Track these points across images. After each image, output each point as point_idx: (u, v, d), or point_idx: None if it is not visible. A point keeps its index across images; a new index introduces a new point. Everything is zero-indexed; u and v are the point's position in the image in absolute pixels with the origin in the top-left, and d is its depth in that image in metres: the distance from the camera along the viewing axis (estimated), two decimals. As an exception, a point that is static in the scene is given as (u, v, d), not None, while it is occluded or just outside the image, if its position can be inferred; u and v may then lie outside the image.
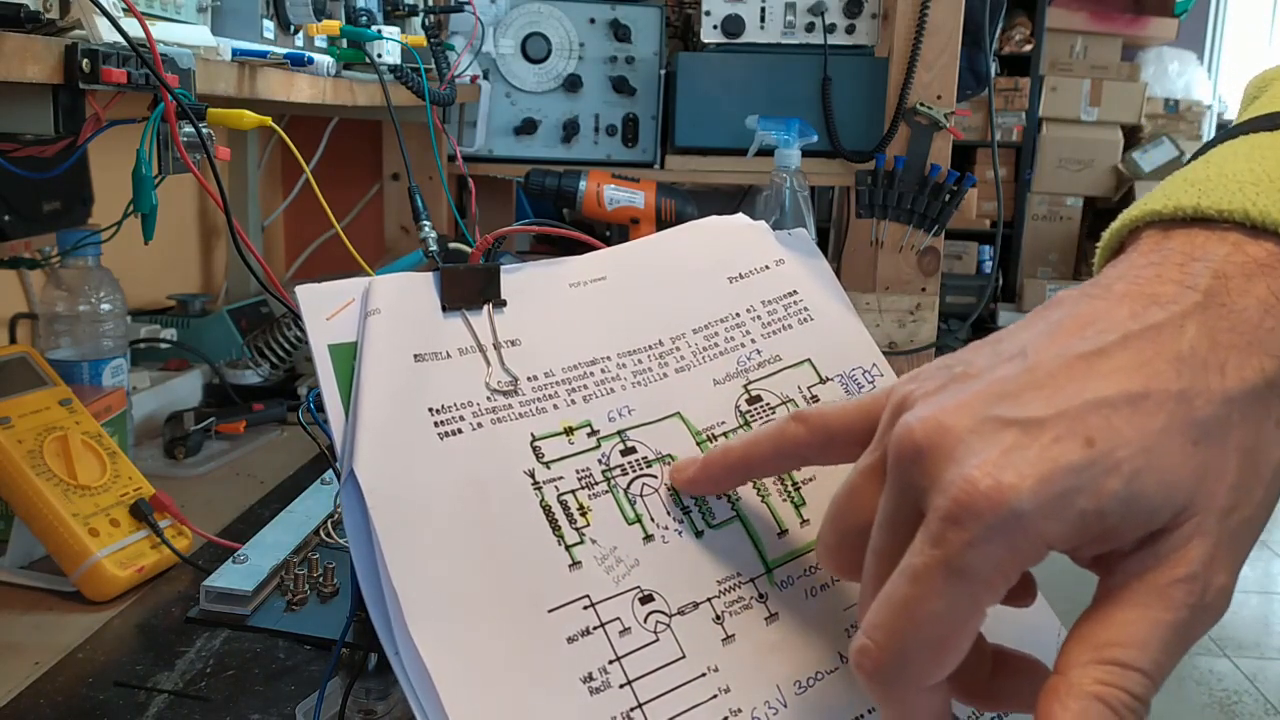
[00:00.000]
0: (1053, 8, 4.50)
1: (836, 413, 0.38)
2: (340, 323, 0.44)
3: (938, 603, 0.30)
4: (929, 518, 0.31)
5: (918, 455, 0.31)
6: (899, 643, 0.31)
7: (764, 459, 0.41)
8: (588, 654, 0.38)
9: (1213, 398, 0.31)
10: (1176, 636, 0.30)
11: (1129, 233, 0.37)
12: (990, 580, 0.30)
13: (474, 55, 1.37)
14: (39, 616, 0.72)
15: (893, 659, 0.31)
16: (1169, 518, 0.30)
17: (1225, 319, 0.32)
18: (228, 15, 0.79)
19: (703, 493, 0.44)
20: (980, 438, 0.31)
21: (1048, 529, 0.30)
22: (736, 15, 1.42)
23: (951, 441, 0.31)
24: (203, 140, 0.63)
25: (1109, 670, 0.30)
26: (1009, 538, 0.29)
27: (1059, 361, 0.32)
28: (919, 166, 1.40)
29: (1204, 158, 0.38)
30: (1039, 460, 0.30)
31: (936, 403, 0.32)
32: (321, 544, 0.79)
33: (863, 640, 0.32)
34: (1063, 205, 4.63)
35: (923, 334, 1.43)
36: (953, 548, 0.30)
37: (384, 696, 0.54)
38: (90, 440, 0.79)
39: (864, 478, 0.35)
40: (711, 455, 0.42)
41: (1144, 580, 0.31)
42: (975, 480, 0.30)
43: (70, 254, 0.96)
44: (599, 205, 1.36)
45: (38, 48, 0.53)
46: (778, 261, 0.52)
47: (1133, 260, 0.35)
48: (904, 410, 0.33)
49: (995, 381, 0.32)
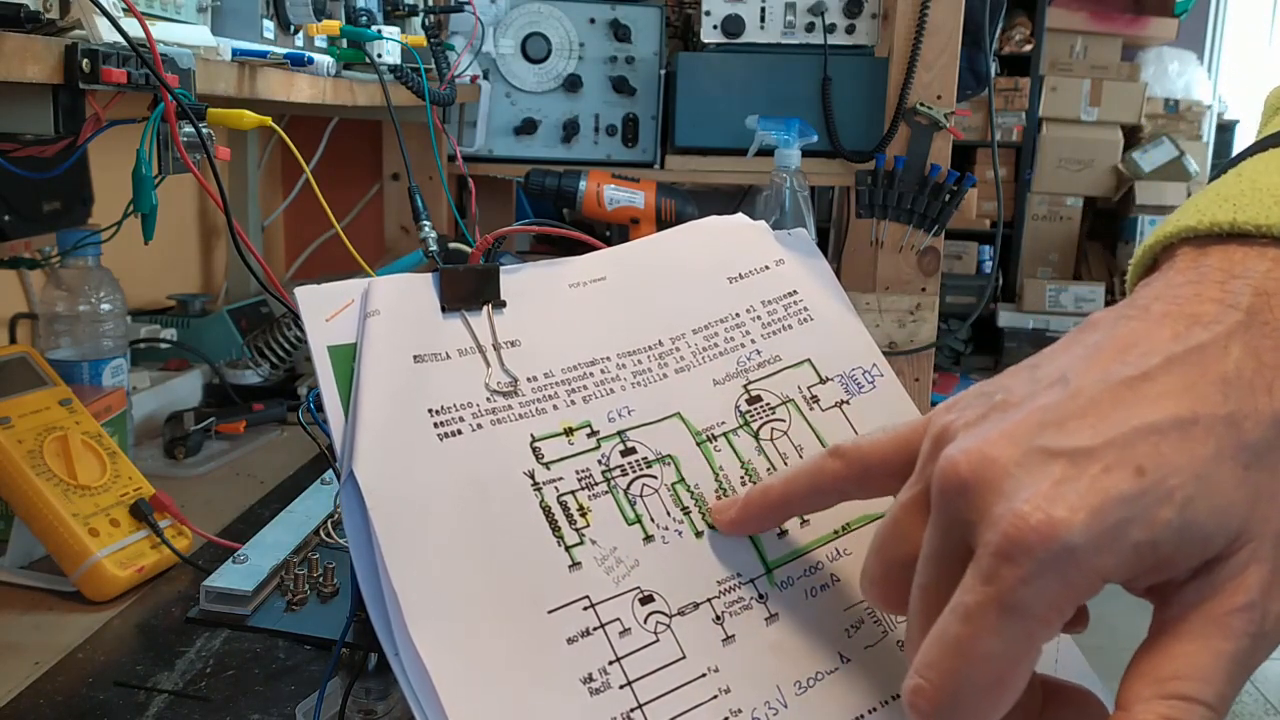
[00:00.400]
0: (1053, 8, 4.49)
1: (873, 446, 0.38)
2: (340, 324, 0.44)
3: (993, 641, 0.30)
4: (979, 554, 0.30)
5: (963, 489, 0.31)
6: (954, 683, 0.30)
7: (803, 496, 0.40)
8: (588, 655, 0.38)
9: (1261, 419, 0.30)
10: (1238, 667, 0.30)
11: (1162, 250, 0.36)
12: (1045, 617, 0.29)
13: (474, 55, 1.37)
14: (39, 616, 0.72)
15: (948, 699, 0.30)
16: (1223, 545, 0.30)
17: (1269, 337, 0.31)
18: (228, 15, 0.79)
19: (745, 533, 0.43)
20: (1027, 470, 0.30)
21: (1102, 562, 0.29)
22: (736, 15, 1.42)
23: (998, 474, 0.30)
24: (203, 140, 0.62)
25: (1173, 705, 0.29)
26: (1063, 573, 0.29)
27: (1102, 387, 0.31)
28: (919, 166, 1.40)
29: (1234, 171, 0.37)
30: (1090, 492, 0.29)
31: (979, 434, 0.32)
32: (321, 544, 0.79)
33: (916, 681, 0.31)
34: (1063, 205, 4.62)
35: (923, 334, 1.43)
36: (1006, 585, 0.29)
37: (384, 696, 0.54)
38: (90, 440, 0.79)
39: (907, 511, 0.34)
40: (752, 495, 0.42)
41: (1201, 611, 0.30)
42: (1026, 515, 0.29)
43: (70, 254, 0.96)
44: (599, 205, 1.36)
45: (38, 48, 0.53)
46: (778, 261, 0.52)
47: (1169, 279, 0.34)
48: (945, 442, 0.33)
49: (1038, 410, 0.31)
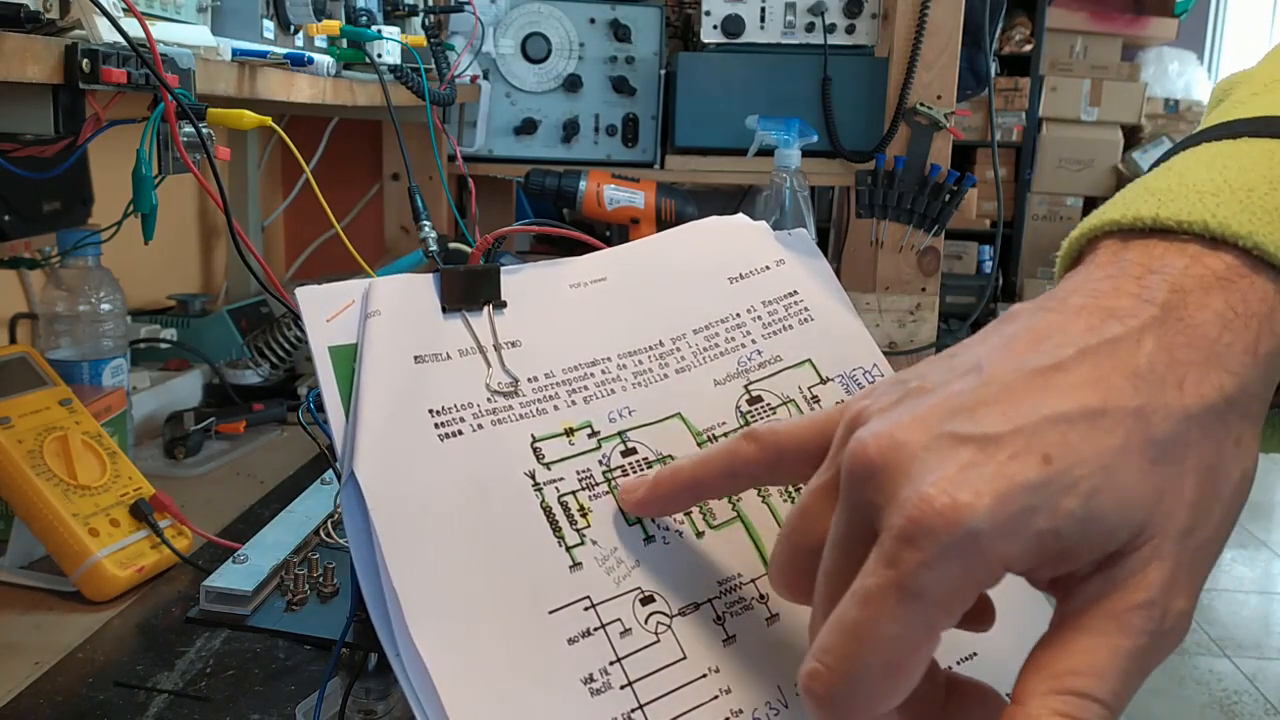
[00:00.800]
0: (1053, 8, 4.49)
1: (789, 430, 0.37)
2: (340, 324, 0.44)
3: (891, 626, 0.29)
4: (882, 537, 0.30)
5: (871, 472, 0.30)
6: (850, 667, 0.30)
7: (714, 478, 0.39)
8: (588, 655, 0.38)
9: (1171, 415, 0.30)
10: (1135, 665, 0.29)
11: (1087, 243, 0.36)
12: (945, 603, 0.29)
13: (474, 55, 1.37)
14: (39, 616, 0.72)
15: (843, 683, 0.30)
16: (1126, 539, 0.30)
17: (1183, 334, 0.31)
18: (228, 15, 0.79)
19: (652, 514, 0.42)
20: (935, 454, 0.30)
21: (1004, 548, 0.29)
22: (736, 15, 1.42)
23: (906, 458, 0.30)
24: (203, 140, 0.62)
25: (1068, 701, 0.29)
26: (964, 558, 0.28)
27: (1015, 375, 0.31)
28: (919, 166, 1.40)
29: (1165, 165, 0.37)
30: (995, 478, 0.29)
31: (890, 418, 0.31)
32: (321, 544, 0.79)
33: (812, 664, 0.30)
34: (1063, 205, 4.62)
35: (923, 334, 1.43)
36: (906, 568, 0.29)
37: (384, 696, 0.54)
38: (90, 440, 0.79)
39: (816, 497, 0.34)
40: (661, 475, 0.41)
41: (1102, 606, 0.30)
42: (930, 498, 0.29)
43: (70, 254, 0.96)
44: (599, 205, 1.36)
45: (38, 48, 0.53)
46: (778, 262, 0.52)
47: (1090, 272, 0.34)
48: (857, 426, 0.32)
49: (950, 396, 0.31)
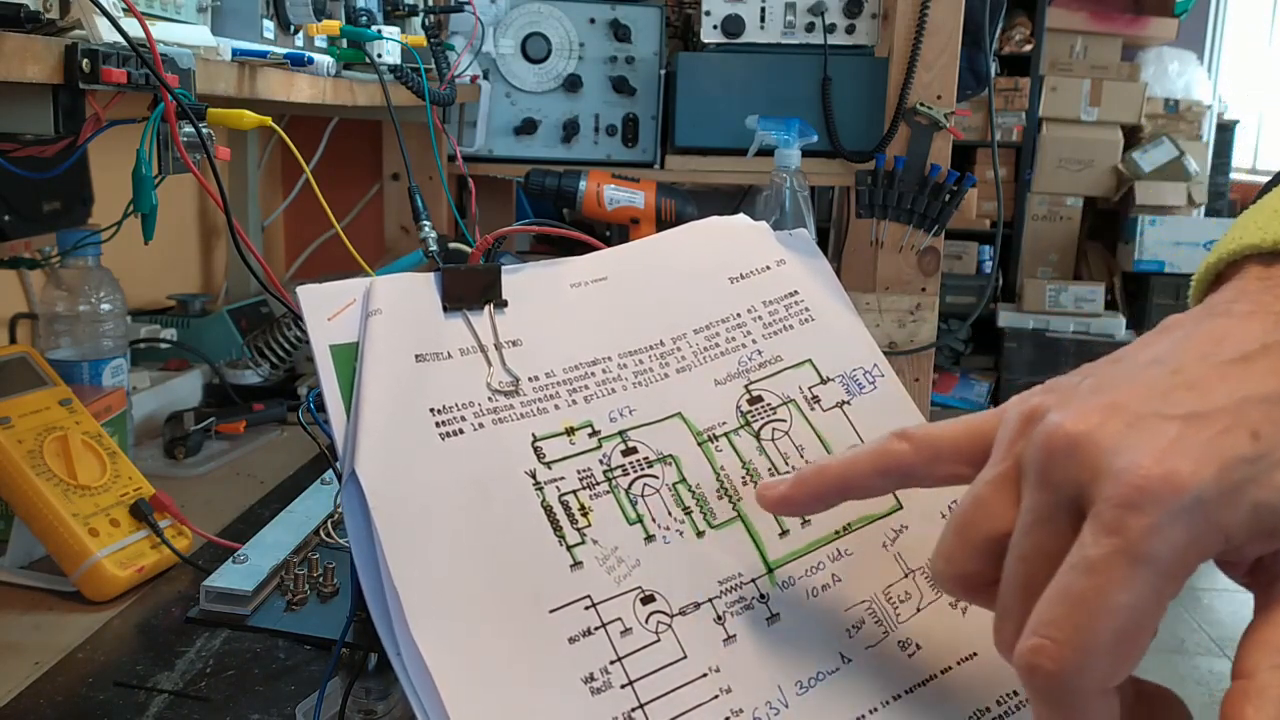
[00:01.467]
0: (1053, 8, 4.49)
1: (943, 431, 0.37)
2: (341, 323, 0.44)
3: (1121, 593, 0.29)
4: (1098, 508, 0.30)
5: (1073, 449, 0.31)
6: (1082, 638, 0.29)
7: (864, 477, 0.39)
8: (589, 654, 0.38)
9: None
10: None
11: (1227, 266, 0.37)
12: (1172, 570, 0.29)
13: (474, 55, 1.37)
14: (39, 616, 0.72)
15: (1075, 655, 0.29)
16: None
17: None
18: (228, 15, 0.79)
19: (794, 513, 0.42)
20: (1140, 431, 0.30)
21: (1226, 518, 0.29)
22: (736, 15, 1.42)
23: (1112, 434, 0.30)
24: (203, 140, 0.62)
25: None
26: (1191, 524, 0.29)
27: (1205, 366, 0.31)
28: (919, 166, 1.40)
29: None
30: (1211, 448, 0.29)
31: (1084, 404, 0.32)
32: (321, 544, 0.79)
33: (1035, 640, 0.30)
34: (1063, 205, 4.62)
35: (923, 334, 1.43)
36: (1134, 534, 0.29)
37: (384, 696, 0.54)
38: (90, 440, 0.79)
39: (992, 488, 0.34)
40: (805, 473, 0.40)
41: None
42: (1150, 467, 0.29)
43: (70, 254, 0.95)
44: (599, 205, 1.36)
45: (38, 48, 0.53)
46: (778, 262, 0.52)
47: (1244, 286, 0.35)
48: (1036, 418, 0.33)
49: (1141, 385, 0.31)
